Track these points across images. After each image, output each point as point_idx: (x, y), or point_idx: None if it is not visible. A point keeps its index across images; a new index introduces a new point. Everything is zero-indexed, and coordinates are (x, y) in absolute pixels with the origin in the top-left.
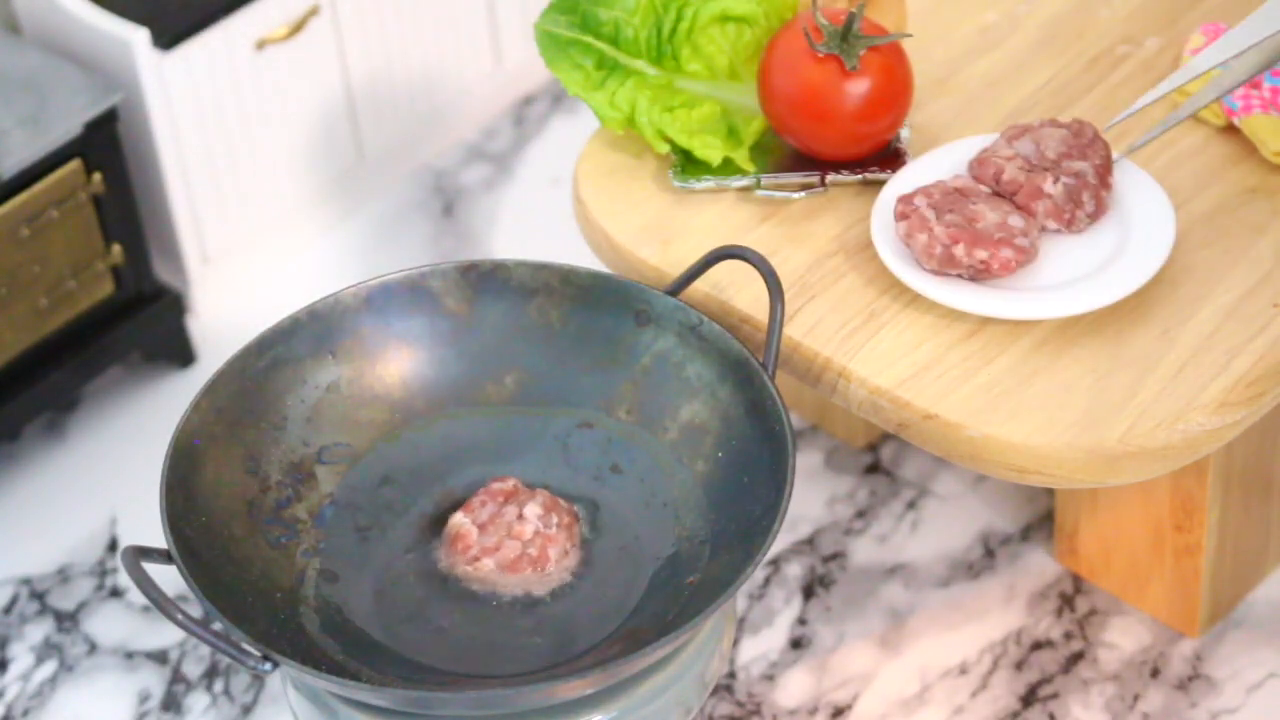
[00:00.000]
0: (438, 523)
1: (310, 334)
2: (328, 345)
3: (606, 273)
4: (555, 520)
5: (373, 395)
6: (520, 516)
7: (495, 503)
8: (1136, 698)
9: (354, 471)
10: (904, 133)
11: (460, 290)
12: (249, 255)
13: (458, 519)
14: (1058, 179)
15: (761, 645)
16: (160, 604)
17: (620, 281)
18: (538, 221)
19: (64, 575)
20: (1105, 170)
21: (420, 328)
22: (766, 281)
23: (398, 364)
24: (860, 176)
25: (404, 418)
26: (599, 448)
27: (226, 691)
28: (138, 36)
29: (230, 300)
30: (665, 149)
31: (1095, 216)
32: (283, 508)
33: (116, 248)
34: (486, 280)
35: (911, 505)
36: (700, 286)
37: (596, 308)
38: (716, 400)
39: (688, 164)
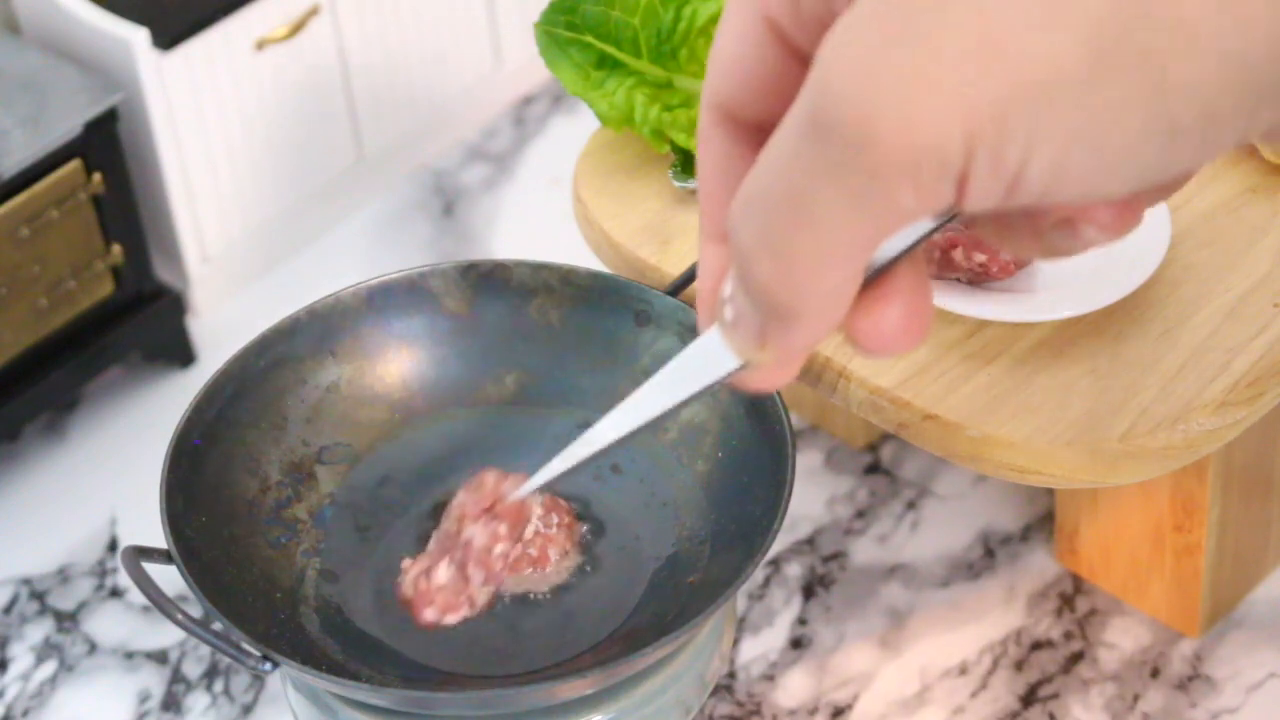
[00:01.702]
0: (438, 522)
1: (310, 334)
2: (328, 345)
3: (606, 272)
4: (555, 520)
5: (373, 395)
6: None
7: None
8: (1136, 698)
9: (354, 471)
10: None
11: (460, 290)
12: (249, 255)
13: None
14: (452, 560)
15: (761, 645)
16: (161, 605)
17: (620, 281)
18: (538, 221)
19: (64, 575)
20: (502, 517)
21: (420, 327)
22: None
23: (398, 364)
24: None
25: (404, 417)
26: None
27: (226, 691)
28: (138, 36)
29: (230, 300)
30: (665, 149)
31: (493, 579)
32: (283, 508)
33: (116, 248)
34: (486, 280)
35: (911, 505)
36: None
37: (596, 308)
38: (716, 400)
39: (687, 164)
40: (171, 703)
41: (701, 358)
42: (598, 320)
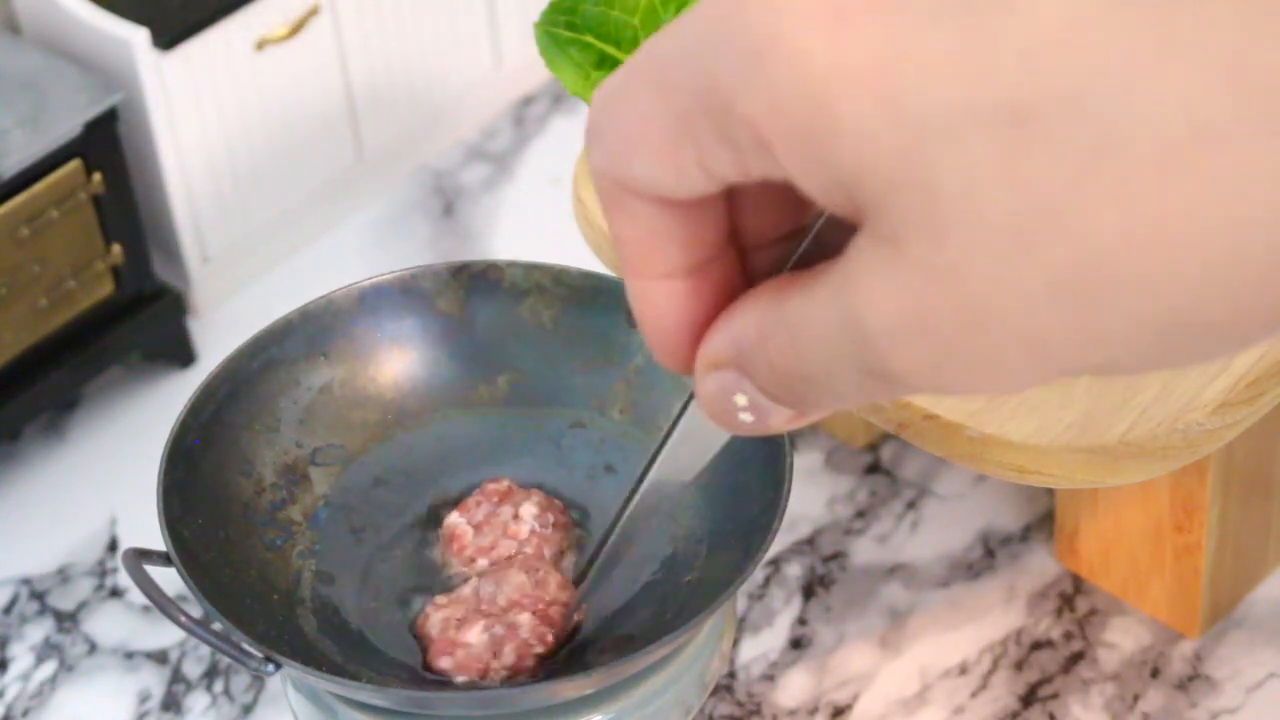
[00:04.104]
0: (432, 523)
1: (303, 335)
2: (320, 346)
3: (599, 272)
4: (551, 520)
5: (365, 396)
6: (516, 516)
7: (490, 503)
8: (1136, 698)
9: (347, 473)
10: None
11: (452, 291)
12: (249, 255)
13: (453, 519)
14: (489, 628)
15: (761, 645)
16: (165, 608)
17: (613, 281)
18: (538, 221)
19: (64, 575)
20: (551, 623)
21: (412, 329)
22: None
23: (390, 365)
24: None
25: (396, 419)
26: (592, 448)
27: (226, 691)
28: (138, 36)
29: (230, 300)
30: None
31: (517, 668)
32: (277, 510)
33: (116, 248)
34: (478, 281)
35: (911, 505)
36: None
37: (589, 307)
38: None
39: None
40: (171, 703)
41: (701, 433)
42: (590, 320)
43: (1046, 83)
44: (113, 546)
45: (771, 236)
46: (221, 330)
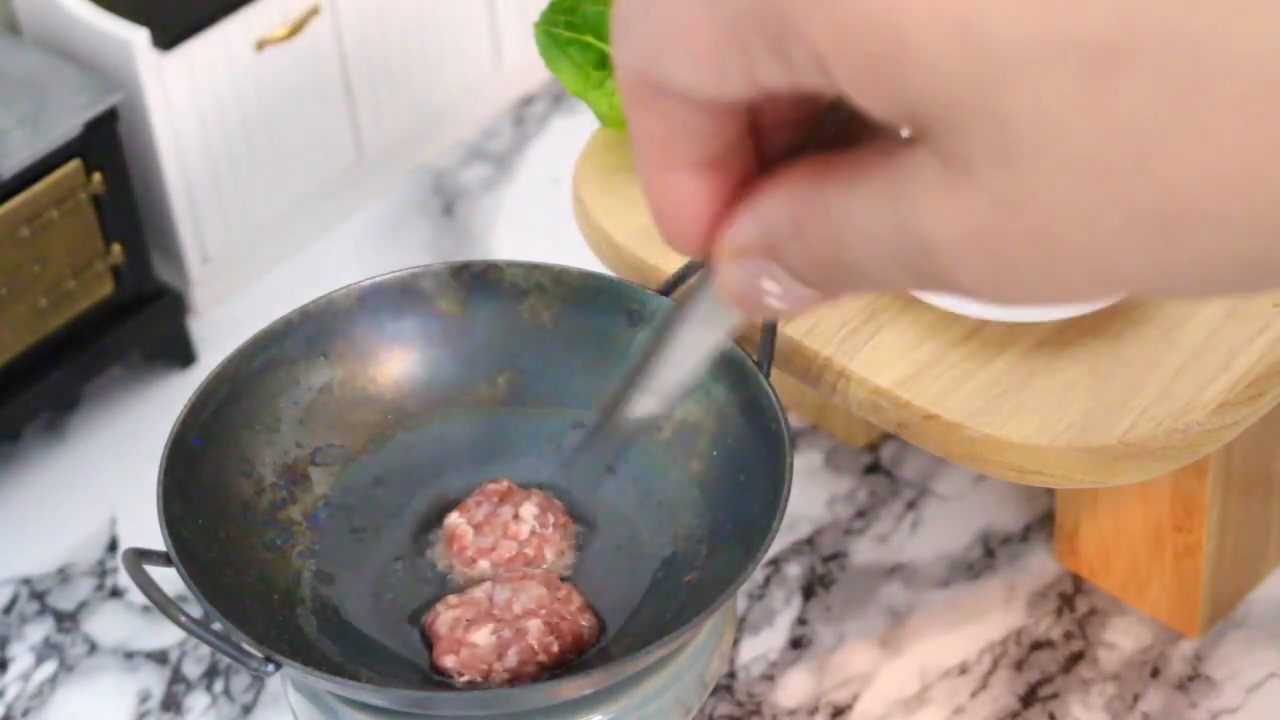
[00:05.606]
0: (432, 523)
1: (303, 335)
2: (320, 346)
3: (599, 272)
4: (551, 520)
5: (365, 396)
6: (516, 516)
7: (490, 503)
8: (1136, 698)
9: (347, 473)
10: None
11: (452, 291)
12: (249, 255)
13: (453, 519)
14: (497, 631)
15: (761, 645)
16: (165, 608)
17: (613, 281)
18: (538, 221)
19: (64, 575)
20: (561, 636)
21: (413, 329)
22: None
23: (390, 365)
24: None
25: (396, 419)
26: None
27: (226, 691)
28: (138, 36)
29: (230, 300)
30: None
31: (519, 673)
32: (278, 509)
33: (116, 248)
34: (478, 281)
35: (911, 505)
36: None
37: (589, 307)
38: (711, 399)
39: None
40: (171, 703)
41: (709, 317)
42: (590, 320)
43: (1136, 19)
44: (113, 546)
45: (788, 119)
46: (221, 330)
